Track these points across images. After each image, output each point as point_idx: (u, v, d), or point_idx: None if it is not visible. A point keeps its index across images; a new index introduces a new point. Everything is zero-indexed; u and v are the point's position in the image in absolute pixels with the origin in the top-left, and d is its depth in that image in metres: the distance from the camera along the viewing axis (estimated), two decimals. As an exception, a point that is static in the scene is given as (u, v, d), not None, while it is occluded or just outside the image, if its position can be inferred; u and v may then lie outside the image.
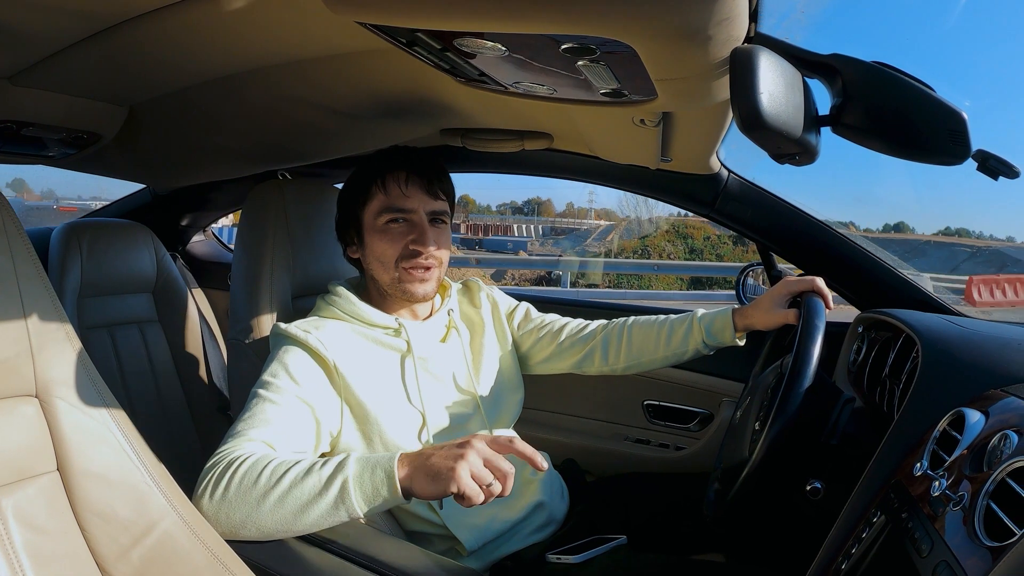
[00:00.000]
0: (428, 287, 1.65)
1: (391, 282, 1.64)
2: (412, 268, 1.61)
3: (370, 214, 1.62)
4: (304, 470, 1.26)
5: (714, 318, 1.75)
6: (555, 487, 1.82)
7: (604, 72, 0.97)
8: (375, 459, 1.26)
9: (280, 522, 1.25)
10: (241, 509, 1.25)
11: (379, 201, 1.61)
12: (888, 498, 1.10)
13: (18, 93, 1.35)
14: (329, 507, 1.23)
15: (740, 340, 1.73)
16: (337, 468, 1.25)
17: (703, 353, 1.78)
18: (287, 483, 1.24)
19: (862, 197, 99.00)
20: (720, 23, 0.76)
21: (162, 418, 2.54)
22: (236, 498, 1.25)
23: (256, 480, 1.26)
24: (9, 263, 1.13)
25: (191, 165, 2.30)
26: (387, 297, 1.69)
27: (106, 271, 2.45)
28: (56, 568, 1.07)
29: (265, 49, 1.18)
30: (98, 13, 1.01)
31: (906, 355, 1.52)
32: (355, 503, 1.23)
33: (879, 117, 0.95)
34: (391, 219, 1.60)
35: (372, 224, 1.62)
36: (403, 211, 1.61)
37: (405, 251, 1.60)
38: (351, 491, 1.23)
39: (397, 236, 1.61)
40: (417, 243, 1.60)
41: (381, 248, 1.62)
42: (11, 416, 1.10)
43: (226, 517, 1.25)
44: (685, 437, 2.47)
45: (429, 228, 1.62)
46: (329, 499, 1.23)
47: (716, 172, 2.09)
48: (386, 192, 1.60)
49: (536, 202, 55.66)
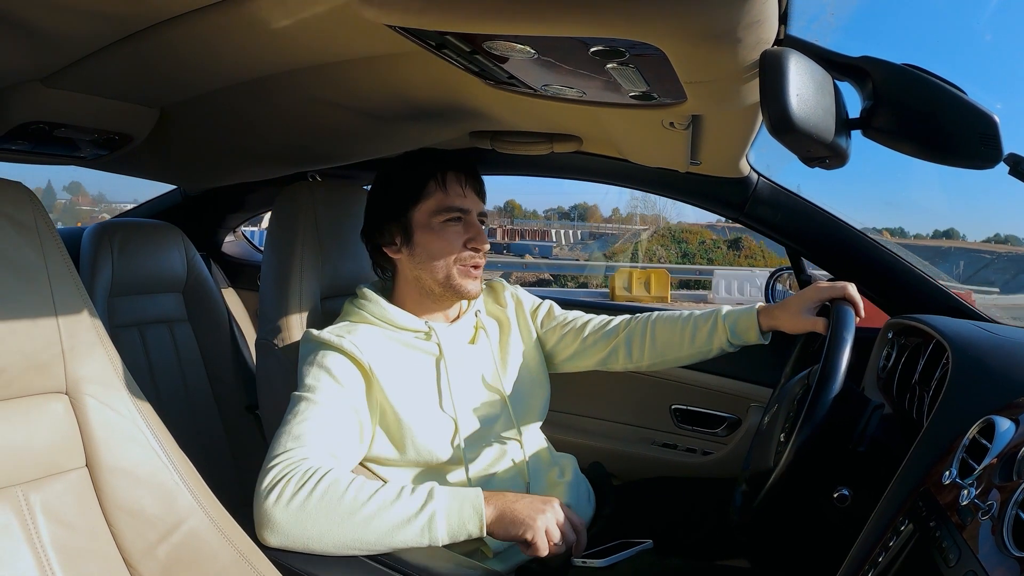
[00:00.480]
0: (479, 284, 1.69)
1: (444, 279, 1.64)
2: (469, 266, 1.64)
3: (424, 213, 1.63)
4: (393, 496, 1.32)
5: (739, 317, 1.72)
6: (582, 490, 1.81)
7: (633, 75, 0.97)
8: (462, 494, 1.35)
9: (359, 541, 1.28)
10: (320, 523, 1.27)
11: (437, 200, 1.62)
12: (916, 506, 1.09)
13: (51, 95, 1.37)
14: (415, 534, 1.29)
15: (766, 339, 1.71)
16: (427, 498, 1.32)
17: (728, 351, 1.77)
18: (374, 506, 1.29)
19: (906, 202, 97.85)
20: (750, 26, 0.76)
21: (190, 416, 2.56)
22: (317, 511, 1.27)
23: (341, 497, 1.29)
24: (41, 262, 1.15)
25: (222, 166, 2.31)
26: (426, 297, 1.69)
27: (137, 271, 2.47)
28: (83, 563, 1.08)
29: (296, 52, 1.19)
30: (130, 16, 1.02)
31: (936, 361, 1.50)
32: (441, 533, 1.30)
33: (909, 120, 0.94)
34: (450, 218, 1.62)
35: (426, 223, 1.63)
36: (462, 211, 1.63)
37: (463, 250, 1.63)
38: (439, 522, 1.30)
39: (454, 235, 1.63)
40: (475, 242, 1.64)
41: (438, 246, 1.63)
42: (41, 413, 1.11)
43: (299, 527, 1.27)
44: (712, 442, 2.45)
45: (481, 228, 1.67)
46: (416, 527, 1.29)
47: (746, 175, 2.08)
48: (446, 191, 1.62)
49: (583, 207, 55.98)
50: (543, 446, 1.82)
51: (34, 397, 1.12)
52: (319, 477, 1.31)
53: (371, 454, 1.55)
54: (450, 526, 1.30)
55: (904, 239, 35.15)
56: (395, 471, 1.57)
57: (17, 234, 1.13)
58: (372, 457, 1.55)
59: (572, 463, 1.85)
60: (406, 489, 1.33)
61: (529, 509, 1.34)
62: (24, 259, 1.13)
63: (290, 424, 1.42)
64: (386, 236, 1.69)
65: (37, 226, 1.16)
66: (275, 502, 1.28)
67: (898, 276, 2.03)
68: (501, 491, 1.40)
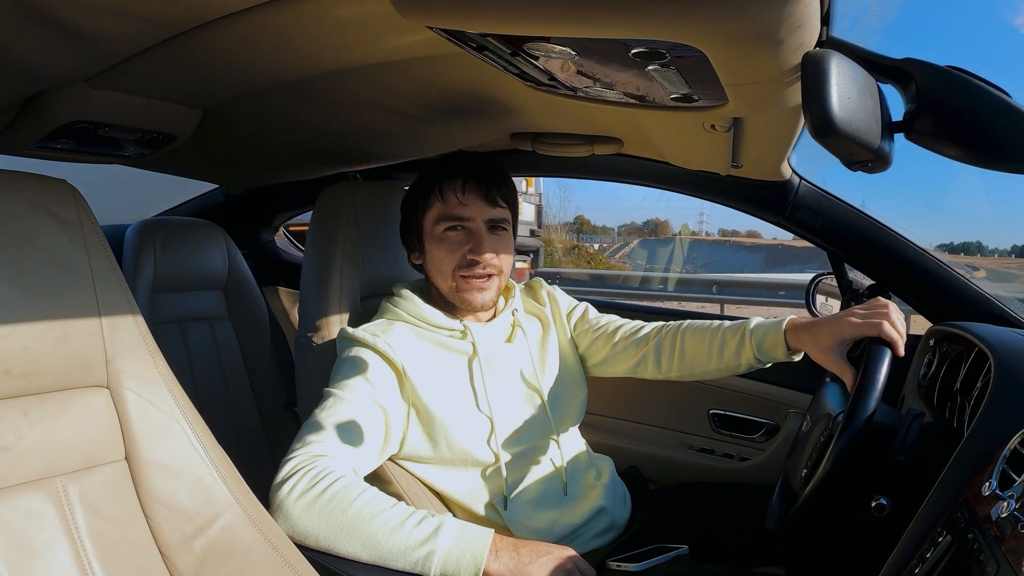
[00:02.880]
0: (487, 295, 1.66)
1: (450, 290, 1.66)
2: (470, 277, 1.63)
3: (429, 222, 1.64)
4: (398, 522, 1.31)
5: (766, 333, 1.62)
6: (618, 493, 1.81)
7: (674, 76, 0.96)
8: (468, 539, 1.32)
9: (353, 555, 1.29)
10: (320, 527, 1.29)
11: (437, 209, 1.63)
12: (955, 517, 1.07)
13: (95, 95, 1.39)
14: (408, 565, 1.29)
15: (795, 357, 1.62)
16: (432, 534, 1.30)
17: (758, 367, 1.69)
18: (375, 528, 1.29)
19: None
20: (792, 28, 0.75)
21: (229, 412, 2.59)
22: (321, 515, 1.29)
23: (346, 509, 1.30)
24: (85, 258, 1.17)
25: (263, 166, 2.33)
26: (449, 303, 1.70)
27: (178, 268, 2.50)
28: (119, 554, 1.10)
29: (337, 53, 1.20)
30: (173, 18, 1.03)
31: (978, 370, 1.47)
32: (434, 570, 1.28)
33: (954, 123, 0.93)
34: (449, 227, 1.62)
35: (431, 232, 1.64)
36: (460, 219, 1.62)
37: (463, 260, 1.62)
38: (435, 562, 1.28)
39: (455, 245, 1.62)
40: (474, 252, 1.61)
41: (439, 256, 1.63)
42: (82, 406, 1.13)
43: (303, 523, 1.29)
44: (750, 448, 2.43)
45: (487, 236, 1.63)
46: (410, 560, 1.28)
47: (787, 179, 2.06)
48: (443, 200, 1.62)
49: (655, 223, 55.99)
50: (581, 447, 1.81)
51: (75, 391, 1.14)
52: (331, 480, 1.32)
53: (405, 452, 1.56)
54: (444, 568, 1.28)
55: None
56: (429, 468, 1.58)
57: (61, 231, 1.15)
58: (406, 455, 1.56)
59: (609, 465, 1.84)
60: (413, 518, 1.32)
61: (542, 572, 1.32)
62: (68, 255, 1.15)
63: (317, 419, 1.44)
64: (408, 243, 1.73)
65: (81, 223, 1.18)
66: (287, 494, 1.31)
67: (941, 282, 1.99)
68: (522, 541, 1.37)
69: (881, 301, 1.48)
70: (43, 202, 1.15)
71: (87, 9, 0.97)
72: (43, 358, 1.09)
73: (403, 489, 1.54)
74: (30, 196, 1.14)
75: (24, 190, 1.14)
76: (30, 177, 1.15)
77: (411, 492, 1.56)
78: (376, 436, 1.48)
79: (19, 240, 1.10)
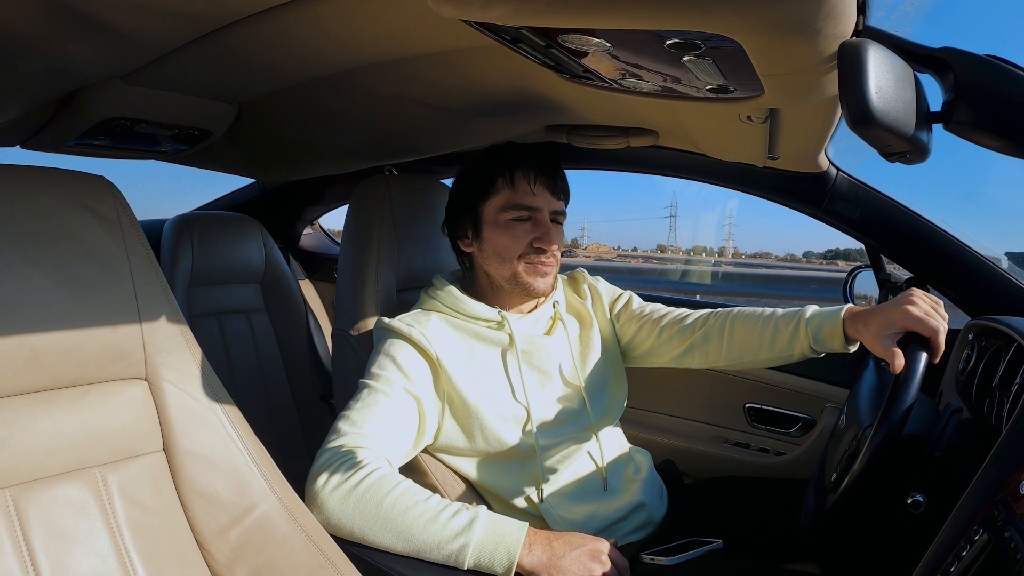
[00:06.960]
0: (548, 282, 1.66)
1: (510, 276, 1.64)
2: (536, 263, 1.62)
3: (492, 209, 1.63)
4: (432, 516, 1.30)
5: (823, 323, 1.54)
6: (655, 488, 1.79)
7: (710, 67, 0.96)
8: (503, 532, 1.31)
9: (387, 547, 1.29)
10: (355, 519, 1.29)
11: (504, 197, 1.61)
12: (992, 515, 1.05)
13: (131, 92, 1.41)
14: (442, 557, 1.28)
15: (851, 348, 1.55)
16: (466, 526, 1.29)
17: (813, 357, 1.62)
18: (410, 521, 1.29)
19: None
20: (828, 16, 0.74)
21: (266, 404, 2.62)
22: (356, 507, 1.29)
23: (381, 501, 1.30)
24: (123, 253, 1.19)
25: (299, 160, 2.35)
26: (498, 291, 1.69)
27: (215, 261, 2.53)
28: (157, 543, 1.12)
29: (372, 48, 1.20)
30: (208, 15, 1.04)
31: (1017, 365, 1.45)
32: (467, 562, 1.28)
33: (992, 113, 0.91)
34: (516, 216, 1.61)
35: (494, 219, 1.63)
36: (530, 208, 1.61)
37: (528, 248, 1.61)
38: (468, 555, 1.27)
39: (521, 233, 1.61)
40: (541, 241, 1.61)
41: (503, 243, 1.62)
42: (121, 397, 1.15)
43: (337, 515, 1.30)
44: (786, 442, 2.42)
45: (551, 227, 1.63)
46: (445, 552, 1.28)
47: (824, 170, 2.04)
48: (514, 188, 1.61)
49: (835, 251, 56.58)
50: (620, 442, 1.80)
51: (114, 383, 1.16)
52: (366, 472, 1.32)
53: (440, 443, 1.56)
54: (479, 561, 1.28)
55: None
56: (465, 460, 1.58)
57: (100, 226, 1.17)
58: (442, 446, 1.57)
59: (647, 459, 1.83)
60: (447, 510, 1.31)
61: (576, 565, 1.30)
62: (107, 250, 1.17)
63: (352, 410, 1.44)
64: (460, 229, 1.70)
65: (119, 218, 1.20)
66: (323, 485, 1.31)
67: (980, 276, 1.96)
68: (557, 534, 1.36)
69: (935, 299, 1.41)
70: (81, 198, 1.17)
71: (123, 7, 0.99)
72: (82, 351, 1.11)
73: (439, 481, 1.55)
74: (68, 192, 1.16)
75: (62, 186, 1.16)
76: (67, 173, 1.17)
77: (447, 484, 1.56)
78: (411, 427, 1.48)
79: (58, 236, 1.12)
